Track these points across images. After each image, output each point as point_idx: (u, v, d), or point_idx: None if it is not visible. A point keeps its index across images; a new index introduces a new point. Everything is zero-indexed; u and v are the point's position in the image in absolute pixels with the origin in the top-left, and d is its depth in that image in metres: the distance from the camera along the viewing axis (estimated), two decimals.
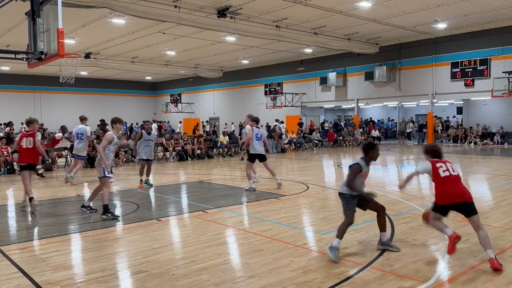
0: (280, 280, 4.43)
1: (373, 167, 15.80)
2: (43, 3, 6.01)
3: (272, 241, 5.84)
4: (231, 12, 18.96)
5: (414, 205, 8.12)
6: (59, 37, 5.51)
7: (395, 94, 27.53)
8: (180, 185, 11.74)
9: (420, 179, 12.45)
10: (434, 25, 22.40)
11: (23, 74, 36.85)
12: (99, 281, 4.48)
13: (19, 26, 19.74)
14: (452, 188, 4.81)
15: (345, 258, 5.06)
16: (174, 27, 21.05)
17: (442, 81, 25.06)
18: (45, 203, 9.09)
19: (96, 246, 5.74)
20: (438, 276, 4.51)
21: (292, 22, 21.10)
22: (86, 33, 22.54)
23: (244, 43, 25.92)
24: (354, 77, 29.51)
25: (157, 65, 33.81)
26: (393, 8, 19.27)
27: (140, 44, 26.05)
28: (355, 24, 21.88)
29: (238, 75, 37.30)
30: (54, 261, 5.15)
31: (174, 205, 8.90)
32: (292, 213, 7.73)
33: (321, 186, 10.82)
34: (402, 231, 6.24)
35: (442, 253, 5.25)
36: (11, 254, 5.42)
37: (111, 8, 16.62)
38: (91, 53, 28.68)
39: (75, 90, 37.63)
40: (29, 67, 6.73)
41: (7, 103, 37.25)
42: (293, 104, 32.16)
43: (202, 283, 4.37)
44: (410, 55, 26.46)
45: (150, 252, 5.45)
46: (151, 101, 47.43)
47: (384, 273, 4.58)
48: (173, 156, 18.66)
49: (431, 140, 26.63)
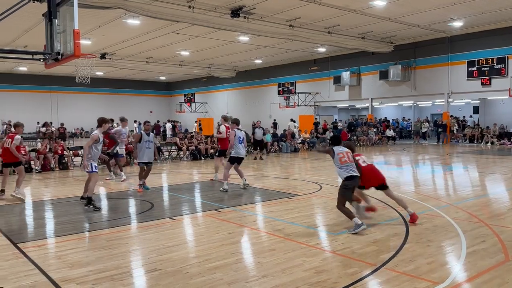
0: (293, 280, 4.43)
1: (389, 167, 15.64)
2: (59, 4, 6.09)
3: (285, 241, 5.83)
4: (245, 12, 18.98)
5: (429, 205, 8.03)
6: (75, 37, 5.58)
7: (410, 93, 27.23)
8: (194, 184, 11.80)
9: (436, 180, 12.31)
10: (450, 23, 22.09)
11: (40, 75, 37.46)
12: (113, 278, 4.54)
13: (36, 27, 20.07)
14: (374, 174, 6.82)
15: (358, 259, 5.03)
16: (188, 27, 21.16)
17: (458, 80, 24.69)
18: (61, 201, 9.23)
19: (110, 244, 5.81)
20: (453, 277, 4.45)
21: (306, 21, 21.03)
22: (102, 33, 22.80)
23: (258, 43, 25.92)
24: (368, 76, 29.28)
25: (171, 65, 34.03)
26: (408, 7, 19.06)
27: (154, 45, 26.25)
28: (370, 23, 21.70)
29: (251, 75, 37.32)
30: (70, 258, 5.23)
31: (188, 204, 8.95)
32: (305, 213, 7.71)
33: (334, 186, 10.75)
34: (417, 232, 6.17)
35: (458, 254, 5.18)
36: (28, 251, 5.52)
37: (126, 9, 16.78)
38: (106, 53, 29.00)
39: (90, 90, 38.11)
40: (46, 68, 6.84)
41: (25, 102, 37.92)
42: (306, 103, 32.06)
43: (215, 282, 4.40)
44: (426, 54, 26.14)
45: (164, 250, 5.50)
46: (165, 101, 47.77)
47: (398, 274, 4.54)
48: (187, 155, 18.76)
49: (448, 140, 26.27)
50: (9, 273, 4.74)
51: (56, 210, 8.52)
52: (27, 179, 13.00)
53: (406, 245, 5.54)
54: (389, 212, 7.50)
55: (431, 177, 13.02)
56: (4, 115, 34.44)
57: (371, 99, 29.37)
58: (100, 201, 9.26)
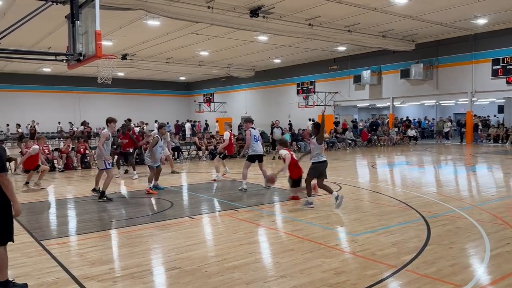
0: (312, 280, 4.40)
1: (410, 167, 15.39)
2: (82, 6, 6.20)
3: (303, 241, 5.80)
4: (264, 12, 18.96)
5: (452, 206, 7.87)
6: (96, 39, 5.67)
7: (432, 93, 26.75)
8: (212, 183, 11.85)
9: (459, 181, 12.06)
10: (474, 20, 21.60)
11: (63, 75, 38.23)
12: (134, 276, 4.59)
13: (59, 29, 20.48)
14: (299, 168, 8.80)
15: (378, 260, 4.97)
16: (207, 27, 21.26)
17: (482, 79, 24.12)
18: (83, 200, 9.40)
19: (131, 242, 5.89)
20: (476, 280, 4.35)
21: (325, 20, 20.88)
22: (123, 34, 23.12)
23: (276, 42, 25.87)
24: (389, 75, 28.88)
25: (190, 66, 34.27)
26: (430, 4, 18.72)
27: (174, 45, 26.48)
28: (390, 21, 21.40)
29: (270, 74, 37.27)
30: (91, 256, 5.32)
31: (207, 203, 8.99)
32: (324, 213, 7.66)
33: (354, 186, 10.66)
34: (439, 233, 6.06)
35: (481, 256, 5.06)
36: (51, 248, 5.64)
37: (147, 10, 16.97)
38: (127, 54, 29.40)
39: (112, 90, 38.67)
40: (68, 69, 6.97)
41: (49, 102, 38.76)
42: (325, 103, 31.84)
43: (233, 281, 4.40)
44: (448, 52, 25.63)
45: (183, 249, 5.54)
46: (184, 101, 48.15)
47: (420, 276, 4.46)
48: (206, 155, 18.86)
49: (470, 140, 25.73)
50: (33, 269, 4.85)
51: (78, 208, 8.68)
52: (51, 178, 13.29)
53: (427, 247, 5.44)
54: (409, 214, 7.38)
55: (454, 177, 12.77)
56: (29, 115, 35.31)
57: (392, 98, 28.96)
58: (120, 200, 9.40)
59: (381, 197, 9.00)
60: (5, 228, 4.17)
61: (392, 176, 13.21)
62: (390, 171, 14.27)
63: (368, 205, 8.28)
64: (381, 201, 8.63)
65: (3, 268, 4.15)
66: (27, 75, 37.36)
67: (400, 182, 11.79)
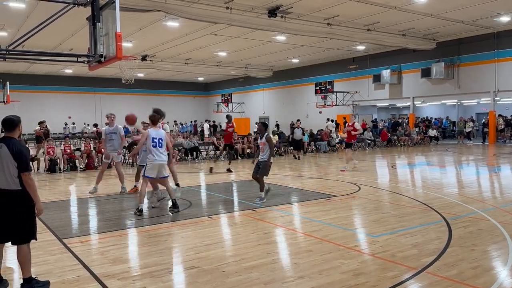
0: (331, 282, 4.37)
1: (431, 168, 15.10)
2: (102, 8, 6.31)
3: (322, 242, 5.76)
4: (282, 11, 18.92)
5: (474, 208, 7.71)
6: (117, 40, 5.76)
7: (454, 92, 26.24)
8: (230, 183, 11.89)
9: (481, 182, 11.81)
10: (497, 18, 21.11)
11: (85, 76, 38.90)
12: (153, 275, 4.64)
13: (81, 31, 20.86)
14: None
15: (398, 262, 4.90)
16: (225, 28, 21.34)
17: (506, 78, 23.54)
18: (104, 199, 9.55)
19: (150, 241, 5.95)
20: (500, 283, 4.25)
21: (344, 19, 20.70)
22: (143, 36, 23.40)
23: (295, 42, 25.78)
24: (409, 74, 28.46)
25: (209, 66, 34.46)
26: (452, 2, 18.37)
27: (193, 46, 26.66)
28: (411, 20, 21.08)
29: (288, 74, 37.17)
30: (112, 254, 5.39)
31: (225, 203, 9.02)
32: (342, 214, 7.59)
33: (373, 187, 10.54)
34: (460, 235, 5.94)
35: (505, 259, 4.94)
36: (73, 246, 5.74)
37: (166, 11, 17.13)
38: (147, 55, 29.74)
39: (131, 91, 39.16)
40: (89, 70, 7.09)
41: (70, 103, 39.49)
42: (344, 103, 31.58)
43: (251, 281, 4.40)
44: (470, 51, 25.10)
45: (202, 248, 5.57)
46: (203, 101, 48.42)
47: (441, 278, 4.38)
48: (224, 155, 18.92)
49: (492, 141, 25.15)
50: (55, 267, 4.95)
51: (99, 207, 8.82)
52: (72, 177, 13.55)
53: (449, 249, 5.34)
54: (430, 215, 7.26)
55: (476, 178, 12.50)
56: (51, 116, 36.06)
57: (413, 98, 28.52)
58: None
59: (401, 198, 8.87)
60: (29, 227, 4.28)
61: (412, 176, 13.01)
62: (411, 172, 14.06)
63: (388, 206, 8.18)
64: (401, 202, 8.51)
65: (26, 265, 4.26)
66: (50, 76, 38.16)
67: (420, 183, 11.60)
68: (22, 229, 4.22)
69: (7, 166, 4.15)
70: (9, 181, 4.16)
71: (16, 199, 4.19)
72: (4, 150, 4.18)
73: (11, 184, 4.16)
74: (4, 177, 4.16)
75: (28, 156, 4.34)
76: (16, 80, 32.76)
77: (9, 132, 4.32)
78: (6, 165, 4.15)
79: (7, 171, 4.15)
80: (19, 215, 4.20)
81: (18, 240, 4.23)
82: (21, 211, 4.21)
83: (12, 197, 4.18)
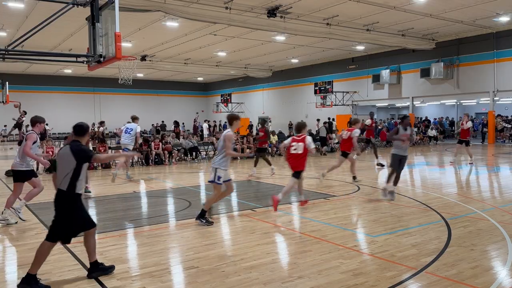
0: (330, 282, 4.37)
1: (431, 168, 15.05)
2: (102, 8, 6.31)
3: (321, 242, 5.77)
4: (281, 12, 18.93)
5: (473, 208, 7.72)
6: (116, 40, 5.76)
7: (453, 92, 26.25)
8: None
9: (480, 182, 11.81)
10: (496, 18, 21.13)
11: (84, 76, 38.91)
12: (152, 275, 4.64)
13: (80, 31, 20.86)
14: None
15: (398, 262, 4.90)
16: (225, 28, 21.35)
17: (505, 78, 23.56)
18: (102, 199, 9.54)
19: (150, 241, 5.95)
20: (499, 283, 4.25)
21: (344, 19, 20.72)
22: (142, 36, 23.40)
23: (294, 42, 25.79)
24: (408, 74, 28.47)
25: (208, 66, 34.47)
26: (451, 2, 18.39)
27: (192, 46, 26.67)
28: (410, 20, 21.10)
29: (288, 74, 37.19)
30: (111, 254, 5.39)
31: (224, 203, 9.02)
32: (342, 214, 7.60)
33: (373, 187, 10.55)
34: (459, 235, 5.95)
35: (504, 259, 4.95)
36: (72, 247, 5.73)
37: (165, 12, 17.14)
38: (146, 55, 29.75)
39: (131, 91, 39.17)
40: (89, 70, 7.08)
41: (70, 103, 39.48)
42: (343, 102, 31.59)
43: (251, 281, 4.41)
44: (470, 51, 25.11)
45: (201, 248, 5.57)
46: (202, 101, 48.43)
47: (440, 278, 4.39)
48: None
49: (492, 141, 25.17)
50: (54, 267, 4.95)
51: (98, 207, 8.82)
52: None
53: (448, 248, 5.35)
54: (430, 215, 7.27)
55: (475, 178, 12.51)
56: (50, 116, 36.08)
57: (412, 98, 28.54)
58: (139, 199, 9.50)
59: (400, 198, 8.88)
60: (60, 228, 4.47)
61: (411, 176, 13.01)
62: (410, 172, 14.06)
63: (387, 206, 8.18)
64: (401, 202, 8.51)
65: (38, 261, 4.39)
66: (49, 77, 38.19)
67: (420, 183, 11.61)
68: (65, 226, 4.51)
69: (67, 167, 4.45)
70: (67, 181, 4.44)
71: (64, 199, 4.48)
72: (66, 150, 4.54)
73: (63, 184, 4.45)
74: (62, 178, 4.47)
75: (89, 152, 4.58)
76: (16, 80, 32.74)
77: (78, 136, 4.66)
78: (67, 166, 4.46)
79: (64, 172, 4.46)
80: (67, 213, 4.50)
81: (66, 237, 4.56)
82: (69, 208, 4.50)
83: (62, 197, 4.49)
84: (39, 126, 7.23)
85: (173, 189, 10.79)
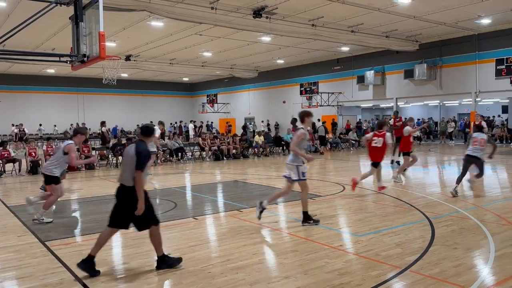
0: (316, 281, 4.39)
1: (414, 168, 15.16)
2: (85, 8, 6.23)
3: (307, 242, 5.79)
4: (267, 12, 18.95)
5: (456, 207, 7.84)
6: (100, 40, 5.71)
7: (436, 93, 26.65)
8: (216, 184, 11.86)
9: (463, 181, 11.99)
10: (478, 20, 21.51)
11: (67, 76, 38.34)
12: (137, 277, 4.60)
13: (63, 30, 20.55)
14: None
15: (382, 261, 4.95)
16: (210, 28, 21.28)
17: (486, 79, 24.01)
18: (86, 201, 9.43)
19: (135, 243, 5.89)
20: (481, 281, 4.33)
21: (329, 20, 20.85)
22: (127, 36, 23.17)
23: (280, 43, 25.86)
24: (393, 75, 28.80)
25: (194, 66, 34.31)
26: (434, 4, 18.66)
27: (178, 46, 26.52)
28: (394, 21, 21.35)
29: (273, 75, 37.26)
30: (96, 256, 5.32)
31: (210, 204, 9.00)
32: (327, 214, 7.64)
33: (358, 187, 10.62)
34: (443, 234, 6.04)
35: (486, 257, 5.04)
36: (56, 249, 5.66)
37: (150, 11, 17.00)
38: (131, 55, 29.46)
39: (115, 91, 38.72)
40: (72, 70, 7.00)
41: (52, 103, 38.82)
42: (329, 103, 31.80)
43: (237, 282, 4.40)
44: (452, 52, 25.52)
45: (187, 249, 5.55)
46: (188, 102, 48.22)
47: (424, 277, 4.45)
48: (209, 155, 18.88)
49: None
50: (37, 270, 4.87)
51: (82, 209, 8.71)
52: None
53: (431, 247, 5.43)
54: (414, 214, 7.36)
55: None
56: (33, 116, 35.53)
57: (396, 99, 28.86)
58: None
59: (385, 198, 8.98)
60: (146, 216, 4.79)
61: (396, 176, 13.15)
62: (394, 172, 14.22)
63: (372, 206, 8.26)
64: (385, 201, 8.61)
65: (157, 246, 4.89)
66: (31, 76, 37.47)
67: (404, 182, 11.75)
68: (140, 218, 4.76)
69: (130, 165, 4.68)
70: (129, 178, 4.68)
71: (133, 194, 4.67)
72: (131, 149, 4.78)
73: (130, 181, 4.68)
74: (126, 174, 4.72)
75: (146, 159, 4.75)
76: None
77: (144, 136, 4.95)
78: (130, 164, 4.68)
79: (129, 169, 4.69)
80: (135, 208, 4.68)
81: (140, 227, 4.88)
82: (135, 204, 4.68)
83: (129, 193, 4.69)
84: (79, 137, 7.45)
85: (159, 190, 10.71)
